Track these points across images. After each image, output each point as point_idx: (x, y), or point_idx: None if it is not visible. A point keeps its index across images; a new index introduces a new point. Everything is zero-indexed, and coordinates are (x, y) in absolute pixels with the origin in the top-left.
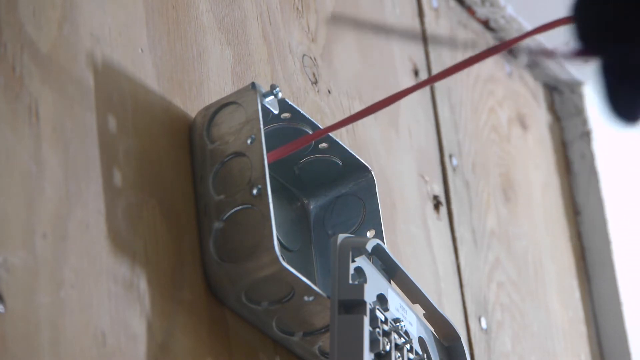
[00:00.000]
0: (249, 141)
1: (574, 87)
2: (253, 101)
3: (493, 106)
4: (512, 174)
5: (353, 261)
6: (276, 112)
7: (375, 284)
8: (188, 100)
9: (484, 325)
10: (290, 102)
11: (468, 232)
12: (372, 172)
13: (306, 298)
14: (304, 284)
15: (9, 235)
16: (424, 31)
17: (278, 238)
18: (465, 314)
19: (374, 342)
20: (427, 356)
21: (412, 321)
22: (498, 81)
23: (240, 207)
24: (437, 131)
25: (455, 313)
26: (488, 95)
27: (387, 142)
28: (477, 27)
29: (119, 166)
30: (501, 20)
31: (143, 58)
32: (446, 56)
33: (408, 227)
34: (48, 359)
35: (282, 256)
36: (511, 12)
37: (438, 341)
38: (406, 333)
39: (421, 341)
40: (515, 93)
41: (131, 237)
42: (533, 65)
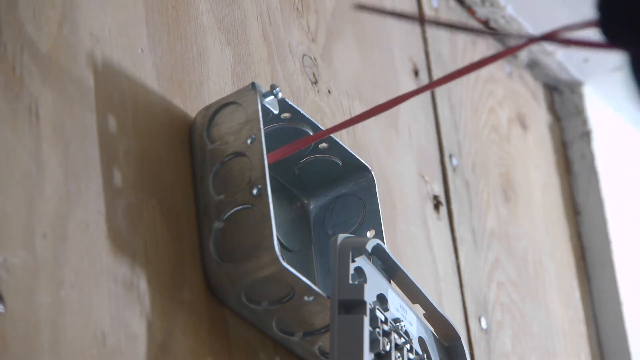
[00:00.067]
0: (249, 141)
1: (574, 87)
2: (253, 101)
3: (493, 106)
4: (512, 174)
5: (353, 261)
6: (276, 112)
7: (375, 284)
8: (188, 100)
9: (484, 325)
10: (290, 102)
11: (468, 232)
12: (372, 172)
13: (306, 298)
14: (304, 284)
15: (9, 235)
16: (424, 31)
17: (278, 238)
18: (465, 314)
19: (374, 342)
20: (427, 356)
21: (412, 321)
22: (498, 81)
23: (240, 207)
24: (437, 131)
25: (455, 313)
26: (488, 95)
27: (387, 142)
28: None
29: (119, 166)
30: (501, 20)
31: (143, 58)
32: (446, 56)
33: (408, 227)
34: (48, 359)
35: (282, 256)
36: (511, 12)
37: (438, 341)
38: (406, 333)
39: (421, 341)
40: (515, 93)
41: (131, 237)
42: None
